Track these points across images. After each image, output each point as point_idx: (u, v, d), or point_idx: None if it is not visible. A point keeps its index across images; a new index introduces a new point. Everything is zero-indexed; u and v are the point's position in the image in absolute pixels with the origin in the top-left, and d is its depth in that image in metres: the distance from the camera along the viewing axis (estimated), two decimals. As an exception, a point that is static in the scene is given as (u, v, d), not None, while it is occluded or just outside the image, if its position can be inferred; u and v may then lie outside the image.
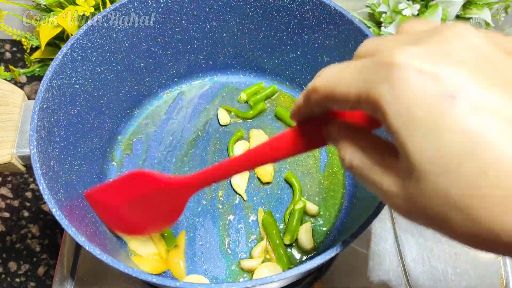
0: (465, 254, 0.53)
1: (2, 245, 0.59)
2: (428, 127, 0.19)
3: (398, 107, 0.20)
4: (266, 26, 0.54)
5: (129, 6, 0.48)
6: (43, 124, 0.41)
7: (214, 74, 0.61)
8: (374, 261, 0.52)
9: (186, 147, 0.56)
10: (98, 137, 0.52)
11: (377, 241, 0.53)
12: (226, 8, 0.52)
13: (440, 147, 0.19)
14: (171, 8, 0.51)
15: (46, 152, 0.41)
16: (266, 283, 0.34)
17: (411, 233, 0.54)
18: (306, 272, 0.37)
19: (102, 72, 0.50)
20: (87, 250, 0.35)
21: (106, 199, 0.45)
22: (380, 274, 0.51)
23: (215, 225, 0.51)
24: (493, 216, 0.18)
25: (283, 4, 0.51)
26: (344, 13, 0.47)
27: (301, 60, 0.56)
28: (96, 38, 0.47)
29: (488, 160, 0.18)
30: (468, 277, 0.51)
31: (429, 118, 0.19)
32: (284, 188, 0.53)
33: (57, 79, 0.43)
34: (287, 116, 0.57)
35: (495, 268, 0.52)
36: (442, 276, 0.52)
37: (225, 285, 0.33)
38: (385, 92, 0.20)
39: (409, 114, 0.19)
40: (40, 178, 0.38)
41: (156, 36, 0.53)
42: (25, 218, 0.61)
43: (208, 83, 0.61)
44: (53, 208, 0.37)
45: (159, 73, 0.57)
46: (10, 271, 0.58)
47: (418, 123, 0.19)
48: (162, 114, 0.59)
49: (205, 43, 0.56)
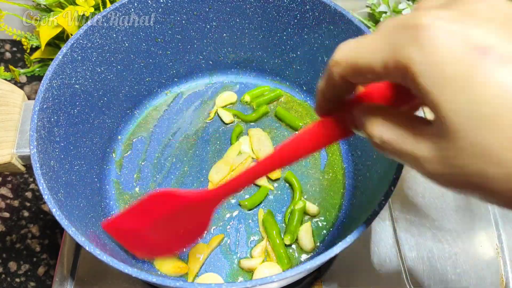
0: (465, 254, 0.53)
1: (2, 245, 0.59)
2: (462, 83, 0.19)
3: (428, 66, 0.19)
4: (266, 26, 0.54)
5: (129, 6, 0.48)
6: (43, 124, 0.41)
7: (214, 74, 0.61)
8: (374, 261, 0.52)
9: (186, 147, 0.56)
10: (98, 137, 0.52)
11: (377, 241, 0.53)
12: (226, 8, 0.52)
13: (475, 101, 0.19)
14: (171, 8, 0.51)
15: (46, 152, 0.41)
16: (266, 283, 0.34)
17: (411, 233, 0.54)
18: (306, 272, 0.37)
19: (102, 72, 0.50)
20: (87, 250, 0.35)
21: (127, 225, 0.43)
22: (380, 274, 0.51)
23: (215, 225, 0.51)
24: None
25: (283, 4, 0.51)
26: (344, 13, 0.47)
27: (301, 60, 0.56)
28: (96, 38, 0.47)
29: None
30: (468, 277, 0.51)
31: (462, 74, 0.19)
32: (284, 188, 0.53)
33: (57, 79, 0.43)
34: (287, 116, 0.57)
35: (495, 268, 0.52)
36: (442, 276, 0.51)
37: (225, 285, 0.33)
38: (414, 53, 0.20)
39: (441, 72, 0.19)
40: (40, 178, 0.38)
41: (156, 36, 0.53)
42: (25, 218, 0.61)
43: (208, 83, 0.61)
44: (53, 208, 0.37)
45: (159, 73, 0.57)
46: (10, 271, 0.58)
47: (451, 80, 0.19)
48: (162, 114, 0.59)
49: (205, 43, 0.56)
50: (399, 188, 0.57)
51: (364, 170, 0.51)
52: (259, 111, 0.58)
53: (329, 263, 0.52)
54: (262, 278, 0.34)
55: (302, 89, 0.60)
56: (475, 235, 0.54)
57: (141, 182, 0.53)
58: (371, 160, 0.48)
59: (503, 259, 0.53)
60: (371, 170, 0.48)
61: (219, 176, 0.53)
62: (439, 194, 0.57)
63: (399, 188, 0.57)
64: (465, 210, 0.56)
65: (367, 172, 0.49)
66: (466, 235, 0.54)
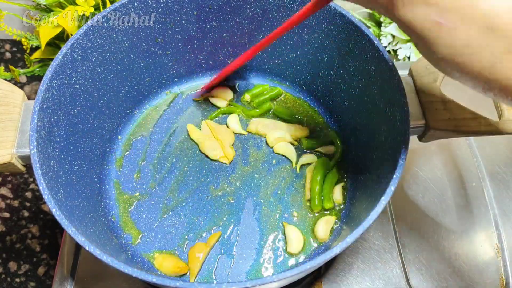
0: (465, 254, 0.53)
1: (2, 245, 0.59)
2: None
3: None
4: (266, 26, 0.54)
5: (129, 6, 0.48)
6: (43, 124, 0.41)
7: (214, 74, 0.61)
8: (374, 261, 0.52)
9: (186, 147, 0.56)
10: (98, 137, 0.52)
11: (377, 241, 0.53)
12: (226, 8, 0.52)
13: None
14: (171, 8, 0.51)
15: (46, 152, 0.41)
16: (266, 283, 0.34)
17: (411, 233, 0.54)
18: (306, 272, 0.37)
19: (102, 72, 0.50)
20: (87, 250, 0.35)
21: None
22: (380, 274, 0.51)
23: (215, 225, 0.51)
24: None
25: (283, 4, 0.51)
26: (344, 13, 0.47)
27: (301, 60, 0.56)
28: (96, 38, 0.47)
29: None
30: (468, 277, 0.51)
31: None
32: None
33: (57, 79, 0.43)
34: (285, 114, 0.58)
35: (495, 268, 0.52)
36: (442, 276, 0.52)
37: (225, 285, 0.33)
38: None
39: None
40: (40, 178, 0.38)
41: (156, 36, 0.53)
42: (25, 218, 0.61)
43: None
44: (53, 208, 0.37)
45: (159, 73, 0.57)
46: (10, 271, 0.58)
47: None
48: (162, 114, 0.59)
49: (205, 43, 0.56)
50: (399, 188, 0.57)
51: (364, 170, 0.51)
52: (263, 107, 0.58)
53: (329, 263, 0.52)
54: (262, 278, 0.34)
55: (302, 89, 0.60)
56: (474, 235, 0.54)
57: (141, 182, 0.53)
58: (371, 160, 0.49)
59: (503, 259, 0.53)
60: (371, 170, 0.48)
61: (216, 152, 0.55)
62: (439, 194, 0.57)
63: (399, 188, 0.57)
64: (465, 210, 0.56)
65: (367, 172, 0.49)
66: (466, 235, 0.54)
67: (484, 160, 0.59)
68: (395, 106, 0.43)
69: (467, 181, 0.58)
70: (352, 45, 0.48)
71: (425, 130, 0.44)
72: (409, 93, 0.44)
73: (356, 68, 0.49)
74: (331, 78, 0.54)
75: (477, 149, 0.60)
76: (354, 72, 0.50)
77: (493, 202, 0.56)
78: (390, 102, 0.44)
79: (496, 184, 0.58)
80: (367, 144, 0.50)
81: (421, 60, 0.46)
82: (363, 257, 0.52)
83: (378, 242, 0.53)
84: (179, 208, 0.52)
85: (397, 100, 0.42)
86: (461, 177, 0.58)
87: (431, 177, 0.58)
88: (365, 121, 0.51)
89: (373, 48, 0.45)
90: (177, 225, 0.51)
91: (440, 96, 0.44)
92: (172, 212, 0.51)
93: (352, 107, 0.53)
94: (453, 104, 0.43)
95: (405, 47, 0.78)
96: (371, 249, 0.53)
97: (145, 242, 0.50)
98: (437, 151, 0.60)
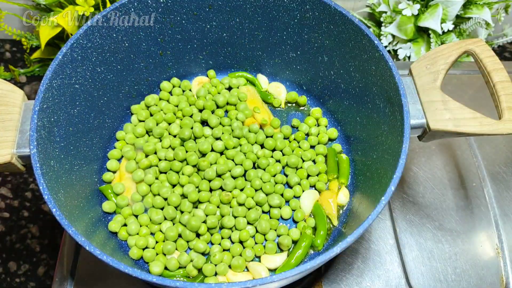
0: (465, 254, 0.53)
1: (2, 245, 0.59)
2: None
3: None
4: (266, 26, 0.54)
5: (129, 6, 0.48)
6: (43, 124, 0.41)
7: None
8: (374, 261, 0.52)
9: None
10: (98, 137, 0.52)
11: (377, 241, 0.53)
12: (226, 8, 0.52)
13: None
14: (171, 8, 0.51)
15: (46, 152, 0.41)
16: (266, 283, 0.34)
17: (411, 233, 0.54)
18: (306, 272, 0.37)
19: (102, 72, 0.50)
20: (87, 250, 0.35)
21: None
22: (380, 274, 0.51)
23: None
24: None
25: (283, 4, 0.51)
26: (344, 13, 0.47)
27: (301, 60, 0.56)
28: (96, 38, 0.47)
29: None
30: (468, 277, 0.51)
31: None
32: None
33: (57, 79, 0.43)
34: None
35: (495, 268, 0.52)
36: (442, 276, 0.52)
37: (225, 285, 0.33)
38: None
39: None
40: (40, 178, 0.38)
41: (156, 36, 0.53)
42: (25, 218, 0.61)
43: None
44: (53, 208, 0.37)
45: (159, 73, 0.57)
46: (10, 271, 0.58)
47: None
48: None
49: (205, 43, 0.56)
50: (399, 188, 0.57)
51: (364, 170, 0.51)
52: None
53: (329, 263, 0.52)
54: (262, 278, 0.34)
55: (302, 89, 0.60)
56: (475, 235, 0.54)
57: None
58: (371, 160, 0.49)
59: (503, 259, 0.53)
60: (371, 170, 0.48)
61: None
62: (439, 194, 0.57)
63: (399, 188, 0.57)
64: (465, 210, 0.56)
65: (367, 172, 0.49)
66: (466, 235, 0.54)
67: (484, 160, 0.59)
68: (395, 106, 0.43)
69: (467, 181, 0.58)
70: (352, 45, 0.48)
71: (425, 130, 0.44)
72: (409, 93, 0.44)
73: (356, 68, 0.49)
74: (331, 78, 0.54)
75: (477, 149, 0.60)
76: (354, 72, 0.50)
77: (493, 202, 0.56)
78: (390, 102, 0.44)
79: (496, 184, 0.58)
80: (367, 144, 0.50)
81: (421, 60, 0.46)
82: (363, 257, 0.52)
83: (378, 242, 0.53)
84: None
85: (397, 100, 0.42)
86: (461, 177, 0.58)
87: (431, 177, 0.58)
88: (365, 121, 0.51)
89: (373, 48, 0.45)
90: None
91: (440, 96, 0.44)
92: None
93: (352, 107, 0.53)
94: (453, 104, 0.43)
95: (405, 47, 0.79)
96: (371, 249, 0.53)
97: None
98: (437, 151, 0.60)
